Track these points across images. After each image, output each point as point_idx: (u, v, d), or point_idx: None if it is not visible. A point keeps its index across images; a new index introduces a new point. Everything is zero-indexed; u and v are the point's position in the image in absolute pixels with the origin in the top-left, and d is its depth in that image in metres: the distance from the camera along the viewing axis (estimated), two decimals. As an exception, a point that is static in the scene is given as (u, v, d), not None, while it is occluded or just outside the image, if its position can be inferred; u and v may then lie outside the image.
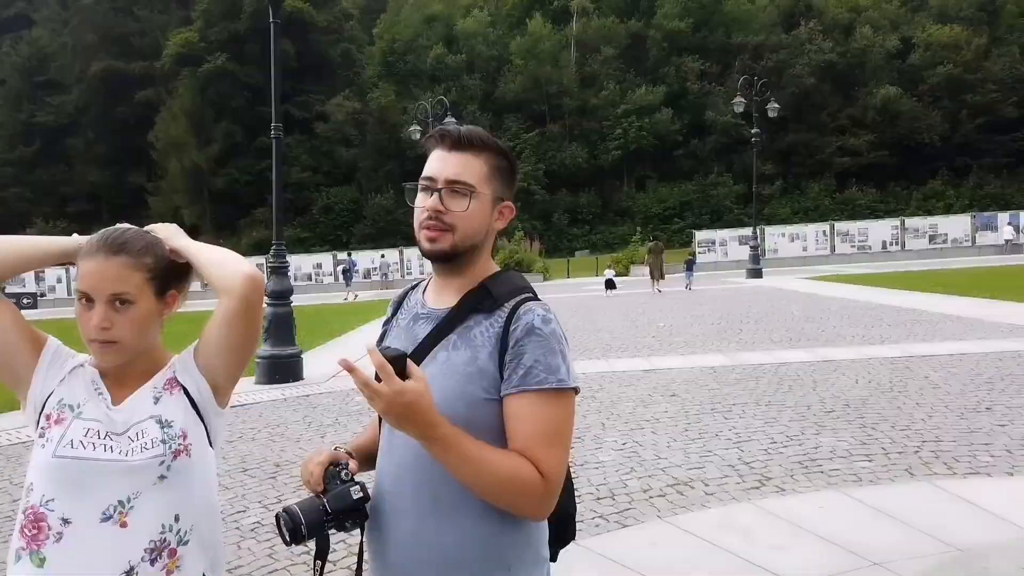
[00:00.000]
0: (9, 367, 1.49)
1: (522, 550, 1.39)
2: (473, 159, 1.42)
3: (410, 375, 1.23)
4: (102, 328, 1.40)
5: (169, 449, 1.44)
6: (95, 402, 1.46)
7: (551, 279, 31.20)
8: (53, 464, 1.40)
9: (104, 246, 1.43)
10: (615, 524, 4.19)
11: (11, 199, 58.33)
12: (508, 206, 1.48)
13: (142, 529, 1.40)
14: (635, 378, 8.53)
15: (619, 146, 53.28)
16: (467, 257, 1.43)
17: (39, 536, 1.39)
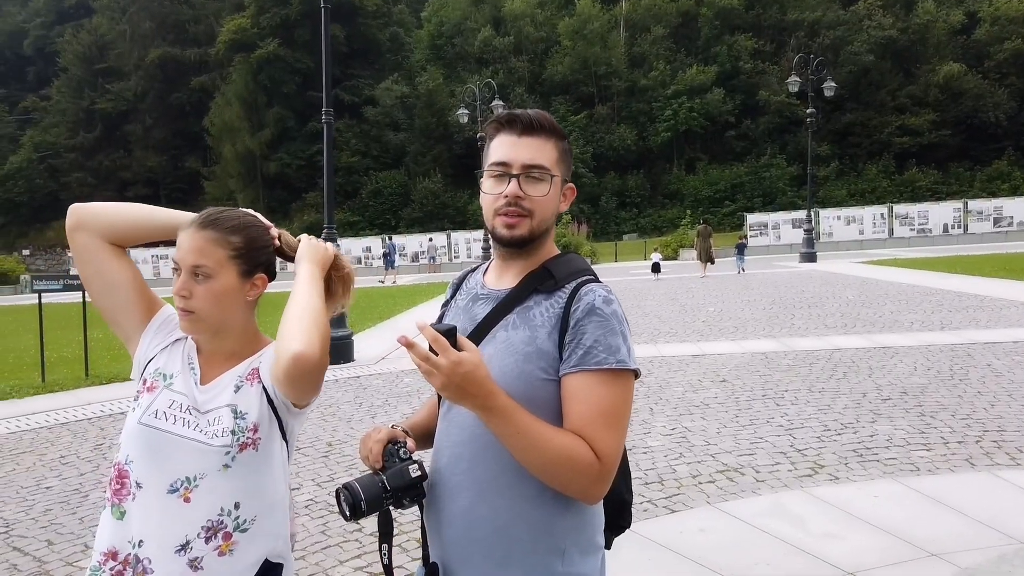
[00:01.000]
0: (119, 324, 1.59)
1: (576, 536, 1.39)
2: (545, 143, 1.43)
3: (462, 348, 1.24)
4: (180, 295, 1.48)
5: (236, 441, 1.48)
6: (185, 376, 1.54)
7: (598, 263, 31.04)
8: (136, 430, 1.48)
9: (199, 221, 1.51)
10: (664, 509, 4.18)
11: (74, 184, 60.30)
12: (571, 187, 1.51)
13: (202, 508, 1.46)
14: (684, 363, 8.45)
15: (669, 128, 52.41)
16: (539, 241, 1.45)
17: (122, 491, 1.49)
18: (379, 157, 53.95)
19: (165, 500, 1.45)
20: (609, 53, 54.93)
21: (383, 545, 1.43)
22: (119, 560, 1.46)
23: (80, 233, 1.55)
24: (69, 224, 1.56)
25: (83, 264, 1.56)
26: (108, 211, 1.57)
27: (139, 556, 1.45)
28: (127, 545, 1.46)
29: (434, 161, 51.13)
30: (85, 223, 1.55)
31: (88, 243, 1.54)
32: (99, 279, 1.56)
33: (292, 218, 52.55)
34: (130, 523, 1.47)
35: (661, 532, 3.83)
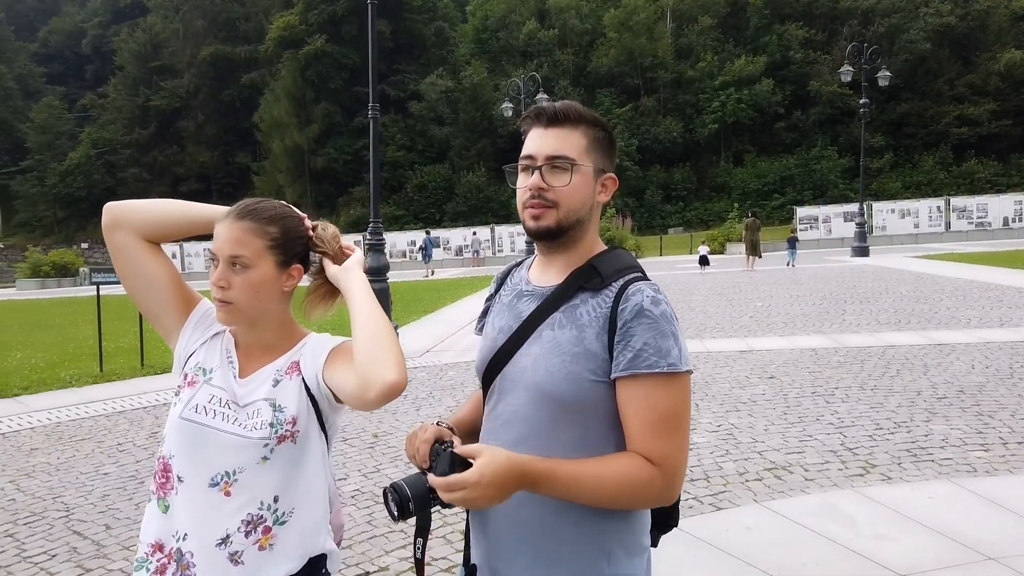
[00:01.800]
0: (160, 320, 1.59)
1: (623, 537, 1.38)
2: (570, 132, 1.40)
3: (470, 456, 1.23)
4: (218, 286, 1.47)
5: (275, 433, 1.47)
6: (224, 370, 1.54)
7: (643, 256, 30.77)
8: (178, 424, 1.49)
9: (235, 211, 1.51)
10: (709, 507, 4.13)
11: (130, 179, 62.11)
12: (611, 178, 1.45)
13: (242, 502, 1.46)
14: (731, 359, 8.33)
15: (716, 119, 51.55)
16: (573, 233, 1.42)
17: (166, 485, 1.50)
18: (424, 151, 54.30)
19: (206, 494, 1.46)
20: (655, 44, 54.25)
21: (418, 539, 1.41)
22: (164, 553, 1.48)
23: (117, 232, 1.54)
24: (105, 223, 1.55)
25: (121, 262, 1.56)
26: (143, 208, 1.56)
27: (182, 549, 1.46)
28: (171, 539, 1.48)
29: (478, 155, 51.26)
30: (122, 221, 1.54)
31: (125, 241, 1.54)
32: (137, 276, 1.56)
33: (339, 212, 53.29)
34: (174, 516, 1.48)
35: (707, 529, 3.78)
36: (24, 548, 4.06)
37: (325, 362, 1.51)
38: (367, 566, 3.62)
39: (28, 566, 3.83)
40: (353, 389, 1.42)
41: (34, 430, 6.84)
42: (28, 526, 4.39)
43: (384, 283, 10.33)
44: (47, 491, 5.03)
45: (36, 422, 7.12)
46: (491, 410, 1.46)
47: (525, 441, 1.37)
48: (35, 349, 12.18)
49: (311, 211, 1.63)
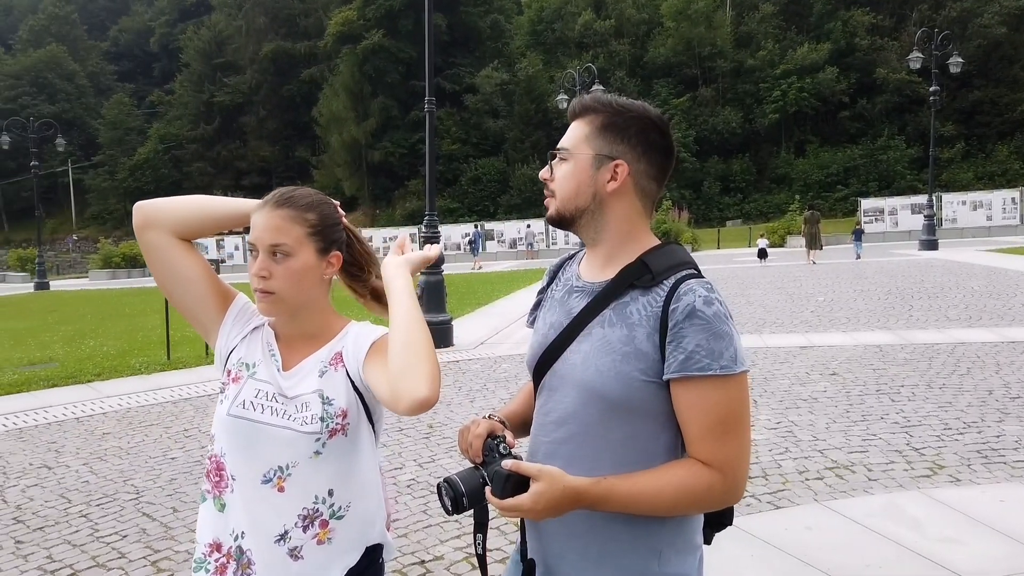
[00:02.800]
0: (197, 319, 1.57)
1: (673, 536, 1.36)
2: (579, 124, 1.41)
3: (529, 476, 1.24)
4: (260, 276, 1.45)
5: (326, 427, 1.46)
6: (267, 364, 1.52)
7: (700, 250, 30.30)
8: (227, 422, 1.48)
9: (272, 200, 1.49)
10: (768, 505, 4.05)
11: (195, 173, 64.05)
12: (619, 164, 1.37)
13: (297, 496, 1.46)
14: (791, 355, 8.14)
15: (777, 109, 50.26)
16: (583, 223, 1.41)
17: (221, 483, 1.50)
18: (479, 144, 54.48)
19: (260, 490, 1.45)
20: (714, 33, 53.19)
21: (478, 535, 1.43)
22: (223, 552, 1.47)
23: (150, 231, 1.51)
24: (138, 222, 1.51)
25: (156, 262, 1.52)
26: (175, 205, 1.53)
27: (242, 548, 1.46)
28: (229, 537, 1.47)
29: (533, 148, 51.13)
30: (155, 220, 1.51)
31: (159, 240, 1.51)
32: (173, 275, 1.53)
33: (394, 205, 53.96)
34: (230, 515, 1.47)
35: (765, 528, 3.71)
36: (97, 528, 4.25)
37: (365, 357, 1.49)
38: (423, 555, 3.66)
39: (101, 546, 3.99)
40: (384, 395, 1.39)
41: (106, 415, 7.13)
42: (101, 507, 4.59)
43: (439, 275, 10.42)
44: (118, 474, 5.24)
45: (108, 407, 7.42)
46: (541, 406, 1.45)
47: (574, 439, 1.36)
48: (107, 337, 12.69)
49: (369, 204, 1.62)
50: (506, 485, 1.25)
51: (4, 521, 4.42)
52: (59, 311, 19.01)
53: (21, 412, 7.31)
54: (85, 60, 75.96)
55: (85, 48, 78.08)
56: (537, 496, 1.23)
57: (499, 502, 1.25)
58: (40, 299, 24.25)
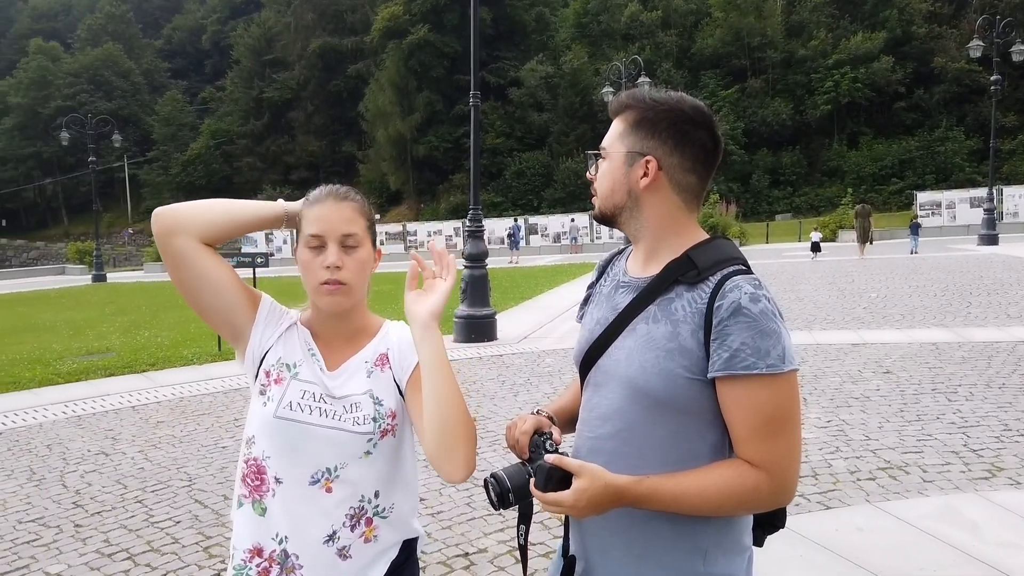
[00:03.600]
0: (230, 323, 1.51)
1: (720, 536, 1.34)
2: (617, 121, 1.42)
3: (572, 472, 1.25)
4: (336, 267, 1.44)
5: (378, 428, 1.47)
6: (310, 364, 1.50)
7: (748, 244, 29.81)
8: (274, 424, 1.45)
9: (333, 193, 1.50)
10: (817, 505, 3.97)
11: (244, 168, 65.32)
12: (649, 160, 1.35)
13: (345, 497, 1.46)
14: (842, 352, 7.96)
15: (829, 100, 48.99)
16: (622, 220, 1.42)
17: (261, 487, 1.47)
18: (523, 138, 54.39)
19: (307, 492, 1.44)
20: (764, 23, 52.08)
21: (521, 526, 1.43)
22: (264, 557, 1.45)
23: (176, 237, 1.43)
24: (162, 229, 1.44)
25: (182, 269, 1.45)
26: (201, 210, 1.47)
27: (287, 551, 1.44)
28: (271, 542, 1.45)
29: (577, 141, 50.82)
30: (180, 226, 1.44)
31: (186, 246, 1.43)
32: (202, 282, 1.46)
33: (439, 199, 54.22)
34: (272, 519, 1.45)
35: (814, 528, 3.63)
36: (152, 514, 4.37)
37: (408, 381, 1.52)
38: (466, 547, 3.68)
39: (155, 531, 4.11)
40: (423, 447, 1.42)
41: (160, 404, 7.33)
42: (155, 493, 4.72)
43: (483, 269, 10.44)
44: (171, 461, 5.38)
45: (162, 396, 7.63)
46: (586, 401, 1.45)
47: (619, 435, 1.35)
48: (160, 328, 13.04)
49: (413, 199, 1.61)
50: (549, 479, 1.25)
51: (64, 505, 4.58)
52: (115, 302, 19.62)
53: (80, 400, 7.56)
54: (140, 58, 78.01)
55: (140, 46, 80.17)
56: (579, 493, 1.23)
57: (541, 495, 1.26)
58: (98, 291, 25.05)
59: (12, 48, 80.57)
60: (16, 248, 68.30)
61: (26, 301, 21.71)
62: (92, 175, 33.21)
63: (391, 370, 1.53)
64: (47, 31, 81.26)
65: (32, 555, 3.86)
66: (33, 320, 15.86)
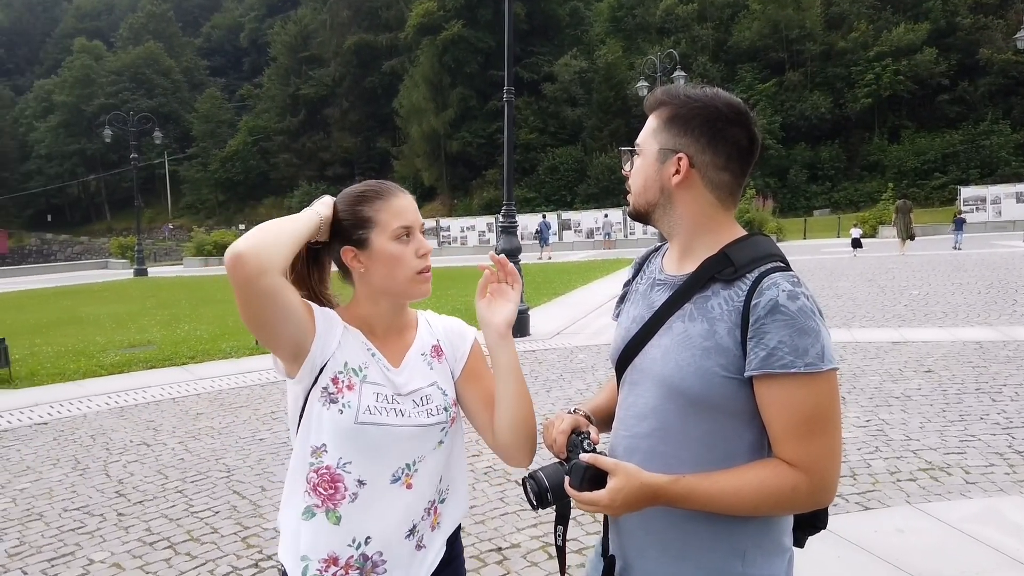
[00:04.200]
0: (298, 345, 1.43)
1: (759, 538, 1.32)
2: (651, 118, 1.42)
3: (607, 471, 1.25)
4: (429, 256, 1.53)
5: (448, 416, 1.53)
6: (375, 365, 1.50)
7: (785, 240, 29.37)
8: (355, 430, 1.44)
9: (394, 187, 1.54)
10: (856, 506, 3.90)
11: (281, 164, 66.20)
12: (680, 157, 1.34)
13: (423, 490, 1.51)
14: (882, 350, 7.81)
15: (869, 93, 47.97)
16: (656, 217, 1.41)
17: (335, 496, 1.46)
18: (556, 133, 54.26)
19: (389, 491, 1.47)
20: (803, 15, 51.20)
21: (558, 527, 1.43)
22: (341, 565, 1.46)
23: (267, 276, 1.32)
24: (252, 271, 1.30)
25: (269, 307, 1.35)
26: (276, 240, 1.36)
27: (366, 554, 1.46)
28: (348, 549, 1.46)
29: (611, 136, 50.55)
30: (269, 263, 1.32)
31: (276, 283, 1.34)
32: (286, 313, 1.38)
33: (472, 195, 54.37)
34: (347, 525, 1.45)
35: (853, 529, 3.57)
36: (192, 504, 4.46)
37: (461, 374, 1.60)
38: (499, 542, 3.69)
39: (195, 520, 4.19)
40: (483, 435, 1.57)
41: (199, 396, 7.47)
42: (195, 484, 4.82)
43: (516, 265, 10.45)
44: (210, 453, 5.48)
45: (201, 389, 7.78)
46: (623, 400, 1.44)
47: (653, 434, 1.34)
48: (200, 322, 13.29)
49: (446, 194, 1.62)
50: (584, 479, 1.25)
51: (107, 494, 4.70)
52: (156, 296, 20.04)
53: (123, 391, 7.75)
54: (180, 56, 79.45)
55: (180, 44, 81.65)
56: (614, 492, 1.23)
57: (576, 494, 1.26)
58: (139, 285, 25.61)
59: (57, 47, 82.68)
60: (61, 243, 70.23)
61: (71, 295, 22.28)
62: (134, 171, 33.94)
63: (447, 361, 1.59)
64: (90, 30, 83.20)
65: (77, 542, 3.97)
66: (78, 313, 16.27)
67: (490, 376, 1.58)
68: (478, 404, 1.57)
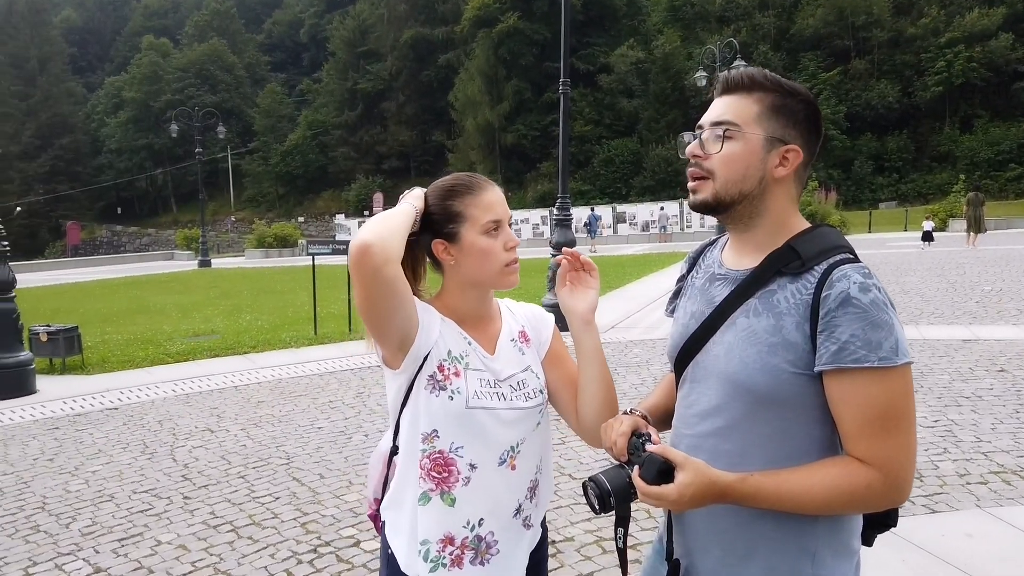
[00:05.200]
0: (406, 334, 1.48)
1: (829, 538, 1.29)
2: (742, 99, 1.31)
3: (675, 464, 1.22)
4: (516, 248, 1.56)
5: (544, 398, 1.60)
6: (473, 353, 1.56)
7: (849, 233, 28.54)
8: (467, 415, 1.50)
9: (483, 180, 1.58)
10: (922, 508, 3.78)
11: (339, 158, 67.28)
12: (792, 149, 1.30)
13: (525, 470, 1.57)
14: (952, 348, 7.52)
15: (940, 81, 46.17)
16: (742, 209, 1.32)
17: (449, 479, 1.51)
18: (611, 125, 53.78)
19: (497, 473, 1.53)
20: (870, 1, 49.55)
21: (619, 528, 1.40)
22: (456, 545, 1.52)
23: (390, 265, 1.38)
24: (377, 260, 1.36)
25: (388, 296, 1.41)
26: (391, 231, 1.42)
27: (480, 535, 1.52)
28: (462, 530, 1.52)
29: (668, 127, 49.86)
30: (390, 252, 1.38)
31: (396, 272, 1.40)
32: (400, 303, 1.44)
33: (526, 187, 54.33)
34: (461, 507, 1.51)
35: (919, 533, 3.46)
36: (253, 489, 4.58)
37: (547, 354, 1.66)
38: (553, 535, 3.69)
39: (256, 506, 4.31)
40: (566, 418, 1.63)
41: (260, 385, 7.67)
42: (256, 470, 4.94)
43: (571, 258, 10.39)
44: (271, 440, 5.62)
45: (262, 378, 7.98)
46: (683, 398, 1.41)
47: (718, 433, 1.32)
48: (261, 312, 13.63)
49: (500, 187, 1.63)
50: (657, 471, 1.23)
51: (174, 478, 4.86)
52: (219, 287, 20.62)
53: (188, 379, 8.00)
54: (242, 52, 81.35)
55: (243, 41, 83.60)
56: (683, 486, 1.20)
57: (646, 488, 1.22)
58: (203, 276, 26.40)
59: (126, 45, 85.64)
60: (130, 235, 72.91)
61: (139, 285, 23.11)
62: (198, 165, 34.95)
63: (533, 345, 1.65)
64: (158, 28, 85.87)
65: (145, 523, 4.12)
66: (146, 303, 16.88)
67: (570, 360, 1.65)
68: (561, 387, 1.63)
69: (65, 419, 6.54)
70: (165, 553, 3.72)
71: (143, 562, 3.63)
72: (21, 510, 4.40)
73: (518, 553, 1.57)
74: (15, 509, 4.41)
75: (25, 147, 70.66)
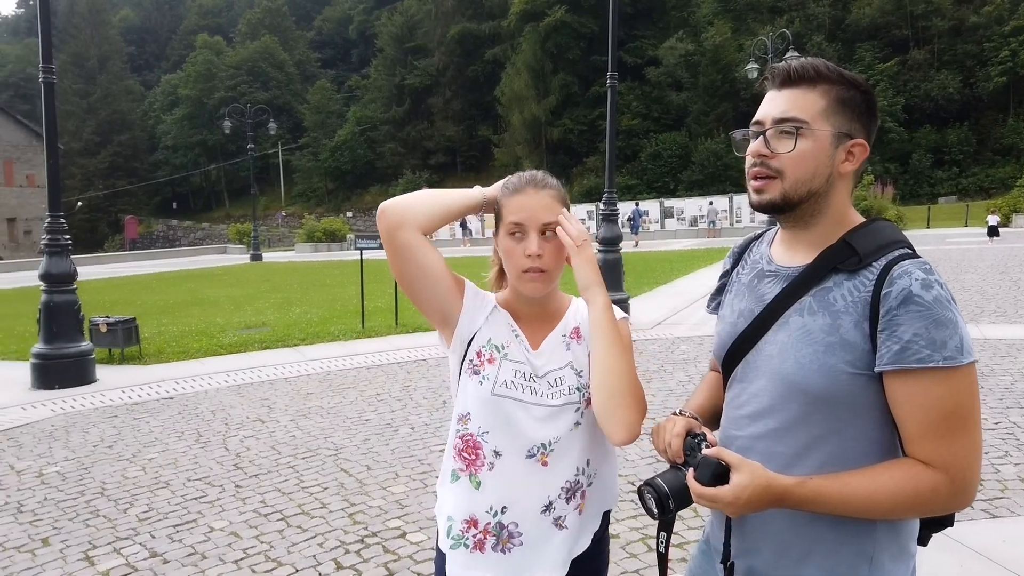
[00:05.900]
0: (442, 311, 1.57)
1: (887, 542, 1.25)
2: (806, 93, 1.25)
3: (731, 466, 1.18)
4: (536, 255, 1.49)
5: (582, 396, 1.54)
6: (516, 345, 1.57)
7: (907, 229, 27.73)
8: (492, 401, 1.53)
9: (531, 182, 1.54)
10: (981, 513, 3.66)
11: (387, 154, 67.95)
12: (859, 144, 1.27)
13: (560, 470, 1.53)
14: (1014, 348, 7.26)
15: (1004, 71, 44.41)
16: (807, 208, 1.27)
17: (476, 462, 1.54)
18: (659, 119, 53.14)
19: (524, 465, 1.51)
20: (929, -12, 47.95)
21: (662, 533, 1.38)
22: (480, 528, 1.53)
23: (403, 230, 1.49)
24: (391, 223, 1.48)
25: (407, 261, 1.51)
26: (419, 202, 1.53)
27: (503, 523, 1.52)
28: (486, 515, 1.53)
29: (717, 121, 49.09)
30: (407, 219, 1.49)
31: (412, 238, 1.49)
32: (423, 272, 1.52)
33: (572, 182, 54.07)
34: (487, 492, 1.53)
35: (977, 538, 3.35)
36: (302, 479, 4.67)
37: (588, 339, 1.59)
38: (598, 532, 3.67)
39: (305, 495, 4.39)
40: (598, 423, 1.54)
41: (309, 377, 7.80)
42: (305, 460, 5.03)
43: (616, 253, 10.33)
44: (320, 431, 5.72)
45: (311, 370, 8.12)
46: (733, 398, 1.37)
47: (771, 435, 1.28)
48: (310, 305, 13.87)
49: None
50: (713, 473, 1.20)
51: (226, 467, 4.98)
52: (270, 281, 21.05)
53: (240, 370, 8.19)
54: (293, 49, 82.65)
55: (293, 38, 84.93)
56: (739, 488, 1.17)
57: (701, 490, 1.19)
58: (254, 269, 26.97)
59: (181, 44, 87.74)
60: (185, 229, 74.81)
61: (193, 278, 23.73)
62: (250, 161, 35.69)
63: (584, 342, 1.60)
64: (212, 26, 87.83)
65: (199, 510, 4.23)
66: (200, 295, 17.32)
67: None
68: None
69: (123, 408, 6.76)
70: (218, 539, 3.82)
71: (197, 548, 3.73)
72: (82, 495, 4.56)
73: (547, 550, 1.52)
74: (76, 494, 4.58)
75: (86, 144, 72.99)
